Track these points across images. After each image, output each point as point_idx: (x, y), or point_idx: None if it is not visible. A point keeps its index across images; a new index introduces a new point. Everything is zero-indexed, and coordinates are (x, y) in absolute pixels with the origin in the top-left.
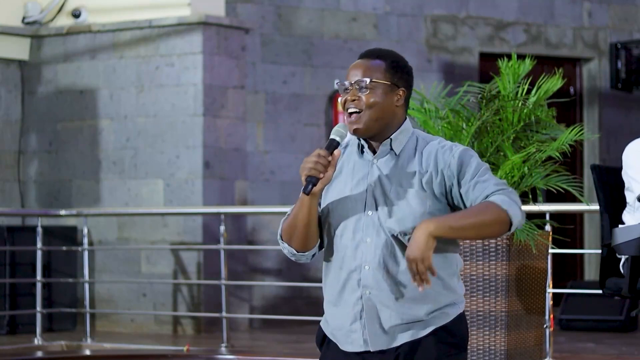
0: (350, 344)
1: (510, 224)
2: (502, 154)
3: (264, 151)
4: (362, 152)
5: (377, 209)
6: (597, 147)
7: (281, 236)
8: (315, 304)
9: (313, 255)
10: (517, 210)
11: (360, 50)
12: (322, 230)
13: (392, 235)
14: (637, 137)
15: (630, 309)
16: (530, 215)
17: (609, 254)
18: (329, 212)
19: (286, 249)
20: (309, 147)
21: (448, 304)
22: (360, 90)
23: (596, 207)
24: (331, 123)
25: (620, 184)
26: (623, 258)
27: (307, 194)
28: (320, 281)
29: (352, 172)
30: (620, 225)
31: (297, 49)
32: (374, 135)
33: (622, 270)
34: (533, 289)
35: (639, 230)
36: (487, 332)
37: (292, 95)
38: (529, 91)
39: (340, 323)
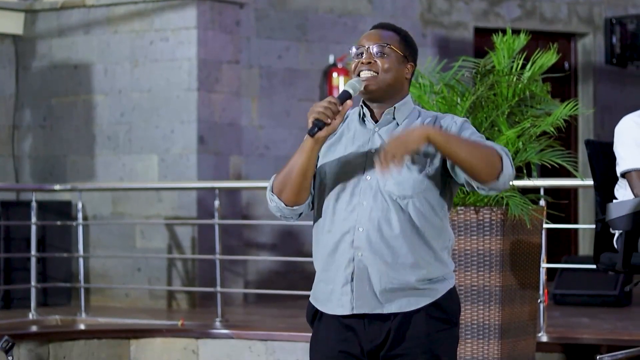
0: (341, 306)
1: (500, 173)
2: (496, 129)
3: (258, 126)
4: (364, 120)
5: (376, 174)
6: (591, 122)
7: (272, 189)
8: (310, 279)
9: (300, 215)
10: (510, 165)
11: (355, 24)
12: (314, 193)
13: (391, 199)
14: (631, 112)
15: (624, 284)
16: (524, 190)
17: (603, 228)
18: (326, 174)
19: (275, 202)
20: (304, 122)
21: (438, 279)
22: (376, 55)
23: (590, 182)
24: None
25: (614, 159)
26: (617, 233)
27: (312, 136)
28: None
29: (352, 139)
30: (614, 200)
31: (291, 23)
32: (382, 100)
33: (616, 245)
34: (527, 264)
35: (632, 205)
36: (481, 307)
37: (287, 70)
38: (523, 66)
39: (332, 287)
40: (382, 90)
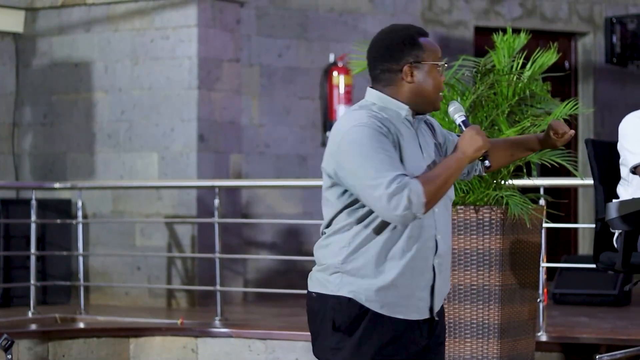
0: (417, 311)
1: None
2: (496, 128)
3: (258, 124)
4: (409, 123)
5: None
6: (591, 121)
7: (426, 203)
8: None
9: None
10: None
11: (355, 23)
12: None
13: (449, 204)
14: (633, 111)
15: (624, 283)
16: (524, 190)
17: (603, 228)
18: None
19: (420, 214)
20: (304, 120)
21: None
22: None
23: (590, 181)
24: (326, 96)
25: (615, 158)
26: (617, 232)
27: (487, 168)
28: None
29: (411, 142)
30: (614, 200)
31: (292, 22)
32: None
33: (615, 245)
34: (527, 263)
35: (633, 205)
36: (481, 306)
37: (287, 68)
38: (523, 65)
39: (408, 292)
40: None
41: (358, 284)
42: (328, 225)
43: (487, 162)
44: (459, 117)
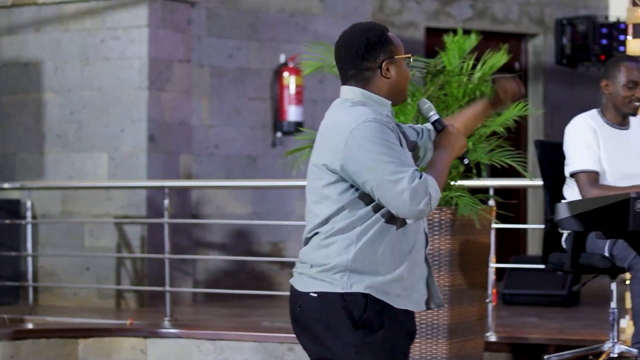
0: (417, 303)
1: None
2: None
3: (208, 125)
4: (389, 118)
5: None
6: (541, 122)
7: (431, 198)
8: (259, 278)
9: None
10: None
11: (306, 24)
12: None
13: None
14: (581, 112)
15: (573, 284)
16: (474, 190)
17: (552, 228)
18: None
19: (433, 206)
20: (254, 121)
21: None
22: None
23: (539, 182)
24: (276, 97)
25: (563, 159)
26: (565, 233)
27: (467, 165)
28: (264, 255)
29: (403, 139)
30: (562, 201)
31: (242, 22)
32: None
33: (564, 245)
34: (476, 264)
35: (582, 205)
36: None
37: (238, 69)
38: (474, 66)
39: (411, 283)
40: None
41: (370, 280)
42: (324, 223)
43: (466, 160)
44: (433, 115)
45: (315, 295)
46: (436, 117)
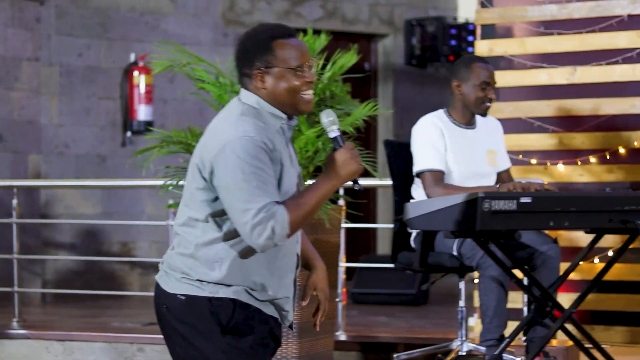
0: (286, 320)
1: None
2: (296, 128)
3: (58, 124)
4: (282, 130)
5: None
6: (391, 122)
7: (289, 231)
8: (108, 279)
9: None
10: None
11: (157, 23)
12: None
13: None
14: (429, 113)
15: (422, 283)
16: None
17: (401, 228)
18: (288, 193)
19: (282, 240)
20: (104, 120)
21: None
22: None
23: (389, 182)
24: (126, 96)
25: (412, 159)
26: (414, 232)
27: (358, 190)
28: (114, 255)
29: (285, 154)
30: (411, 200)
31: (92, 21)
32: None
33: (413, 245)
34: (326, 263)
35: (429, 205)
36: None
37: (88, 68)
38: (324, 66)
39: (282, 303)
40: None
41: (237, 287)
42: (192, 227)
43: (357, 186)
44: (332, 132)
45: (183, 298)
46: (335, 134)
